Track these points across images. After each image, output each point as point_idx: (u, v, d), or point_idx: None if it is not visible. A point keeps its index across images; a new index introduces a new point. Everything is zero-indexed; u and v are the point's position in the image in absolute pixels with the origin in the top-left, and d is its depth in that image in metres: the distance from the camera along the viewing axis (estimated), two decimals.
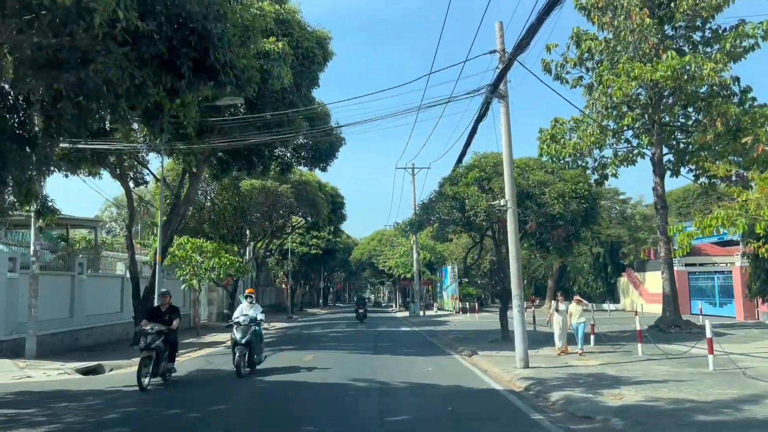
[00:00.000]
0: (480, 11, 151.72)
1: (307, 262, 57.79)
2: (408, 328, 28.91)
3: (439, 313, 46.49)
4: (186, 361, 15.70)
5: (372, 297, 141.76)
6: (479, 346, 17.62)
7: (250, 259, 38.13)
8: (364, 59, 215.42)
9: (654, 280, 36.59)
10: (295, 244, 53.27)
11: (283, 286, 62.12)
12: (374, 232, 60.55)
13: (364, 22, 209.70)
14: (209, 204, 31.77)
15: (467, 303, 43.53)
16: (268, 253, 54.61)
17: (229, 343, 13.81)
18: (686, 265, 34.54)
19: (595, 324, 18.03)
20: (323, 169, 22.23)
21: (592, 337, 16.54)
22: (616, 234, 40.28)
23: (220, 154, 21.30)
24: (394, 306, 74.45)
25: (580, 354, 14.21)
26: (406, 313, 47.15)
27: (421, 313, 41.68)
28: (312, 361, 14.61)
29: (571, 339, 15.49)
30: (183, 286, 25.70)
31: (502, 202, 13.18)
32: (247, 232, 41.66)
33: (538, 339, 19.20)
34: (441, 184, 17.82)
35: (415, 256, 41.57)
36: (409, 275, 48.50)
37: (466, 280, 43.16)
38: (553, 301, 16.94)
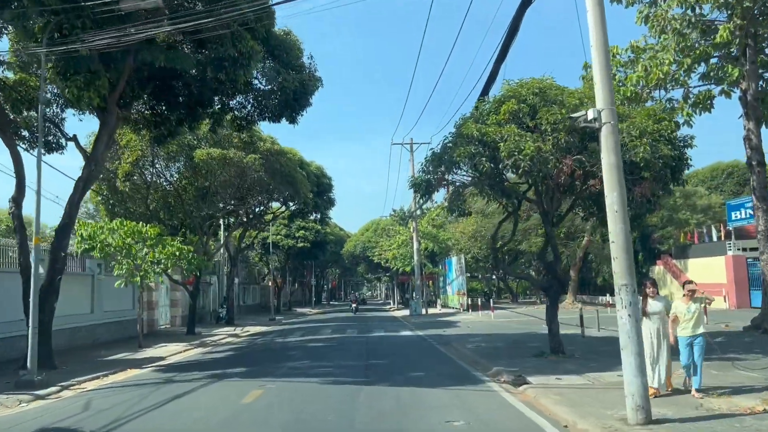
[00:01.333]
0: None
1: (294, 256, 51.85)
2: (410, 332, 23.04)
3: (444, 311, 40.59)
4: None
5: (369, 294, 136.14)
6: (521, 363, 11.79)
7: (215, 251, 32.10)
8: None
9: (701, 267, 30.78)
10: (279, 236, 47.30)
11: (270, 284, 56.20)
12: (369, 221, 54.67)
13: None
14: (166, 185, 25.82)
15: (476, 299, 37.66)
16: (247, 246, 48.70)
17: (170, 360, 8.61)
18: (744, 249, 28.76)
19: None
20: (293, 120, 16.27)
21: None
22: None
23: (146, 101, 15.36)
24: (392, 304, 68.53)
25: (698, 397, 7.98)
26: (406, 312, 41.28)
27: (423, 311, 35.81)
28: (248, 408, 8.66)
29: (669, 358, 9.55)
30: (118, 283, 19.73)
31: (591, 113, 7.26)
32: (221, 222, 35.82)
33: (598, 350, 13.33)
34: (459, 124, 11.88)
35: (415, 246, 35.70)
36: (408, 269, 42.65)
37: (493, 272, 37.30)
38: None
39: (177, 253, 19.95)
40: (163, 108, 16.07)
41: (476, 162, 11.14)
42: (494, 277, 55.97)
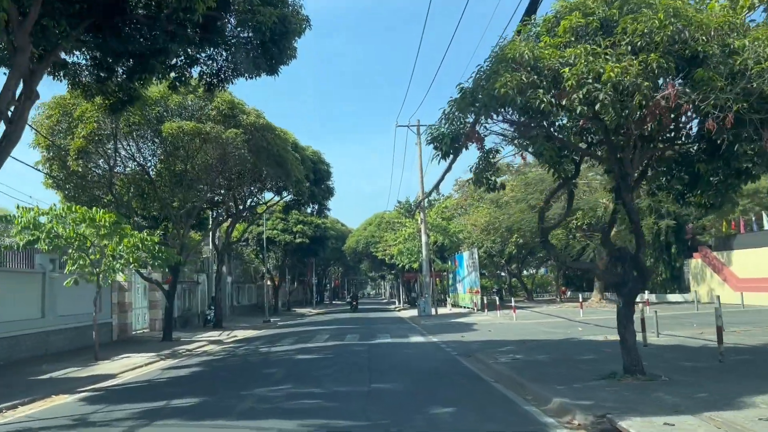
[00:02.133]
0: None
1: (292, 253, 48.31)
2: (422, 338, 19.43)
3: (455, 311, 37.00)
4: None
5: (373, 293, 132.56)
6: (588, 390, 8.21)
7: (195, 245, 28.60)
8: None
9: (747, 260, 27.10)
10: (275, 231, 43.78)
11: (268, 282, 52.70)
12: (372, 215, 51.07)
13: None
14: (136, 167, 22.25)
15: (491, 297, 34.12)
16: (238, 241, 45.21)
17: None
18: None
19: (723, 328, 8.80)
20: (273, 71, 12.71)
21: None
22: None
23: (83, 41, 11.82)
24: (397, 303, 64.97)
25: None
26: (413, 312, 37.73)
27: (433, 311, 32.24)
28: None
29: None
30: (68, 282, 16.24)
31: None
32: (209, 214, 32.33)
33: (681, 365, 9.73)
34: (501, 46, 8.23)
35: (423, 239, 32.09)
36: (415, 265, 39.07)
37: (504, 268, 33.73)
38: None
39: (139, 245, 16.42)
40: (107, 58, 12.51)
41: (529, 97, 7.50)
42: (504, 273, 52.36)
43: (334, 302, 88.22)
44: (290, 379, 11.16)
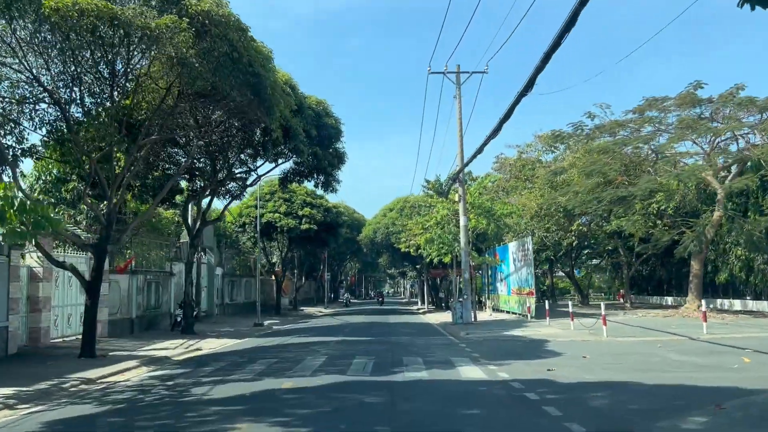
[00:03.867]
0: None
1: (298, 242, 40.77)
2: (479, 371, 11.28)
3: (498, 316, 29.09)
4: None
5: (392, 291, 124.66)
6: None
7: (140, 222, 21.17)
8: None
9: None
10: (277, 215, 36.25)
11: (273, 278, 45.27)
12: (394, 199, 43.25)
13: None
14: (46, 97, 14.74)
15: (541, 300, 26.12)
16: (239, 230, 37.80)
17: None
18: None
19: None
20: None
21: None
22: None
23: None
24: (420, 303, 57.16)
25: None
26: (444, 317, 29.91)
27: (478, 316, 24.39)
28: None
29: None
30: None
31: None
32: (183, 186, 25.06)
33: None
34: None
35: (462, 222, 24.15)
36: (446, 258, 31.27)
37: (556, 263, 25.95)
38: None
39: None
40: None
41: None
42: (539, 271, 44.16)
43: (351, 300, 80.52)
44: None
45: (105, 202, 15.87)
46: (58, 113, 14.17)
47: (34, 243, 12.06)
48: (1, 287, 15.13)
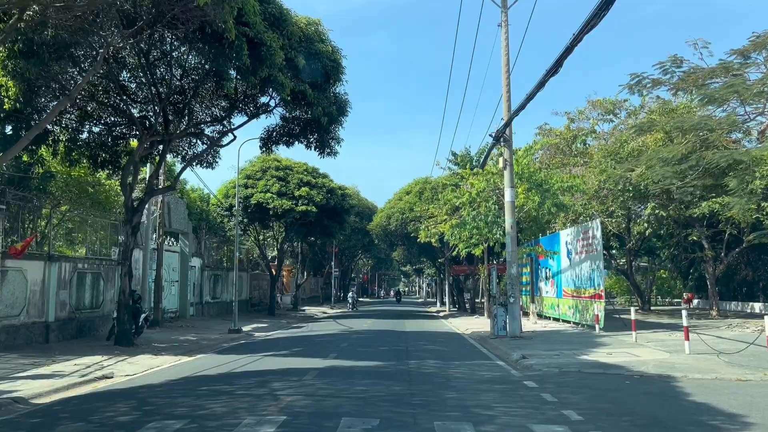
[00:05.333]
0: None
1: (297, 229, 34.20)
2: None
3: (549, 326, 22.28)
4: None
5: (406, 290, 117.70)
6: None
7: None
8: None
9: None
10: (268, 194, 29.68)
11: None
12: (412, 181, 36.46)
13: None
14: None
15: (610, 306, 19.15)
16: (225, 213, 31.46)
17: None
18: None
19: None
20: None
21: None
22: None
23: None
24: (439, 305, 50.33)
25: None
26: (475, 324, 23.15)
27: (522, 325, 17.52)
28: None
29: None
30: None
31: None
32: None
33: None
34: None
35: (508, 195, 17.28)
36: (477, 251, 24.60)
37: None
38: None
39: None
40: None
41: None
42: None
43: (360, 299, 73.76)
44: None
45: None
46: None
47: None
48: None
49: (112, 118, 17.45)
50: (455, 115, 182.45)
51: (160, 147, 17.79)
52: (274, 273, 34.76)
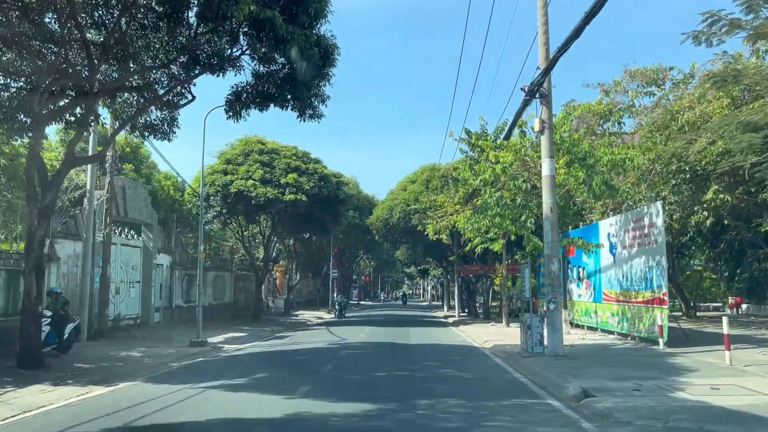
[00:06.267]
0: None
1: (285, 223, 29.95)
2: None
3: (591, 339, 17.95)
4: None
5: (410, 293, 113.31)
6: None
7: None
8: None
9: None
10: (251, 182, 25.43)
11: (272, 273, 34.32)
12: (418, 169, 32.11)
13: None
14: None
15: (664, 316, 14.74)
16: (203, 204, 27.28)
17: None
18: None
19: None
20: None
21: None
22: None
23: None
24: (446, 309, 46.03)
25: None
26: (492, 333, 18.81)
27: (565, 341, 13.13)
28: None
29: None
30: None
31: None
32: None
33: None
34: None
35: (546, 168, 13.03)
36: (497, 246, 20.54)
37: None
38: None
39: None
40: None
41: None
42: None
43: (360, 303, 69.42)
44: None
45: None
46: None
47: None
48: None
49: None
50: (468, 87, 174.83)
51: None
52: (260, 274, 30.47)
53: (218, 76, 14.53)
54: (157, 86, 15.28)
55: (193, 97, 15.57)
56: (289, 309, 38.60)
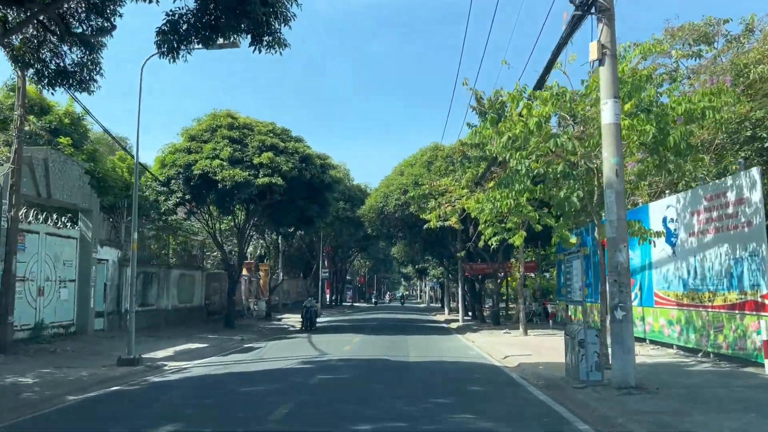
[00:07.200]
0: None
1: (261, 212, 25.69)
2: None
3: (638, 354, 13.70)
4: None
5: (407, 294, 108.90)
6: None
7: None
8: None
9: None
10: (217, 161, 21.15)
11: (255, 272, 30.03)
12: (417, 151, 27.86)
13: None
14: None
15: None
16: (162, 189, 23.26)
17: None
18: None
19: None
20: None
21: None
22: None
23: None
24: (447, 312, 41.89)
25: None
26: (522, 346, 14.59)
27: (629, 369, 8.94)
28: None
29: None
30: None
31: None
32: None
33: None
34: None
35: (607, 114, 8.98)
36: (517, 240, 16.50)
37: None
38: None
39: None
40: None
41: None
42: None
43: (354, 305, 65.08)
44: None
45: None
46: None
47: None
48: None
49: None
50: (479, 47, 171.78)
51: None
52: (233, 273, 26.19)
53: (151, 2, 10.41)
54: (71, 19, 11.16)
55: (113, 26, 11.40)
56: (270, 312, 34.36)
